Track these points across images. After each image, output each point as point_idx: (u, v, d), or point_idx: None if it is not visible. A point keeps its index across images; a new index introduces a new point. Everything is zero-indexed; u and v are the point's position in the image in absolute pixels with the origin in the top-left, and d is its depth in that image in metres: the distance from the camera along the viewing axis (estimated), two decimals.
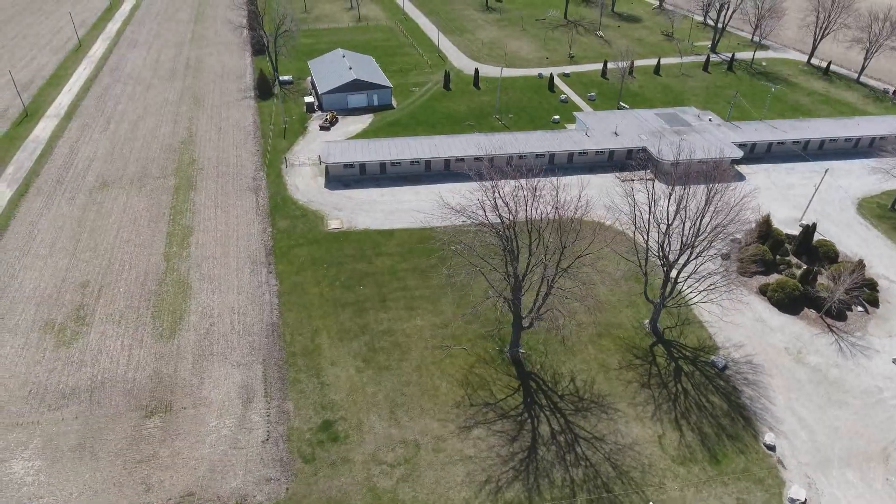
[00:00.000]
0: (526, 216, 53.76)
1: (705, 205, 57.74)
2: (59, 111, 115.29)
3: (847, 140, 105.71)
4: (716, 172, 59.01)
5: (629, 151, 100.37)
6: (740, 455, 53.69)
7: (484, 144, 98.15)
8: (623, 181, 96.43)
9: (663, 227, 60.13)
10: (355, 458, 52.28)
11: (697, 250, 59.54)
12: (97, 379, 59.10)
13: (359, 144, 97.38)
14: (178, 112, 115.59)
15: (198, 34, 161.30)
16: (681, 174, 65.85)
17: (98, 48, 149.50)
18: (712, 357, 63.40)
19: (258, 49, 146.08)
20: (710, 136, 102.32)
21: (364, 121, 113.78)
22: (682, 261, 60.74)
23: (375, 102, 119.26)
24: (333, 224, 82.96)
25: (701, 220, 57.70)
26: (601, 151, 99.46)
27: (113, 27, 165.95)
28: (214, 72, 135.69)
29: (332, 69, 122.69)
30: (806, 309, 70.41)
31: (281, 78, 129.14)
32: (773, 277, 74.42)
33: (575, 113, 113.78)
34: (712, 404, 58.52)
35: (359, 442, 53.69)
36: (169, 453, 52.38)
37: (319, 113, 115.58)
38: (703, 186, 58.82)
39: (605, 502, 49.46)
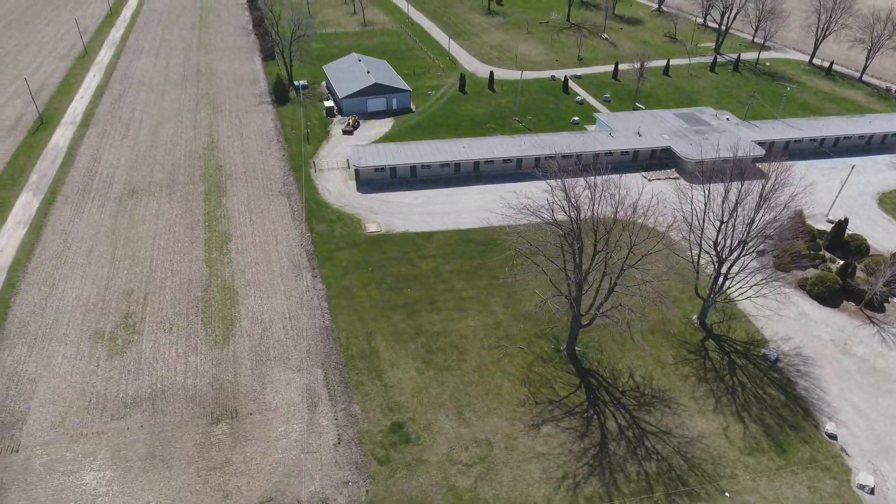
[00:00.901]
0: (593, 214, 54.49)
1: (759, 201, 59.14)
2: (75, 118, 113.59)
3: (861, 137, 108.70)
4: (777, 170, 60.01)
5: (653, 151, 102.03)
6: (804, 444, 54.91)
7: (511, 146, 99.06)
8: (650, 180, 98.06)
9: (716, 224, 61.38)
10: (430, 459, 52.43)
11: (749, 246, 60.88)
12: (157, 387, 58.45)
13: (388, 148, 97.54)
14: (197, 118, 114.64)
15: (204, 40, 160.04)
16: (708, 171, 67.82)
17: (104, 55, 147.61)
18: (763, 350, 64.72)
19: (268, 54, 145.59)
20: (730, 135, 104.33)
21: (385, 124, 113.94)
22: (732, 257, 62.07)
23: (394, 106, 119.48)
24: (371, 227, 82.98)
25: (756, 216, 59.04)
26: (626, 151, 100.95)
27: (116, 34, 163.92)
28: (227, 77, 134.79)
29: (349, 73, 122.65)
30: (845, 301, 72.30)
31: (296, 83, 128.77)
32: (810, 272, 76.24)
33: (595, 114, 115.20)
34: (770, 396, 59.75)
35: (431, 442, 53.84)
36: (242, 459, 52.00)
37: (340, 117, 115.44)
38: (756, 183, 60.07)
39: (682, 495, 50.27)
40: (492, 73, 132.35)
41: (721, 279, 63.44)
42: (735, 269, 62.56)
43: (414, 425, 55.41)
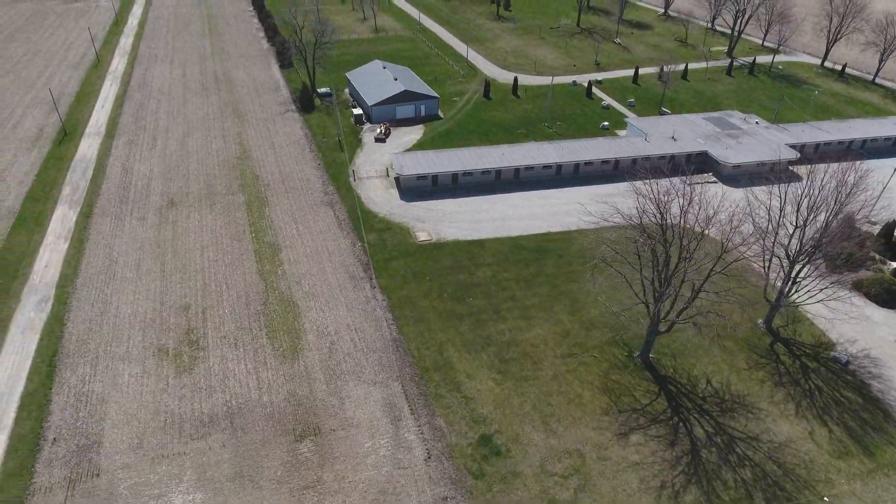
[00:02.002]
0: (681, 220, 54.34)
1: (834, 204, 59.54)
2: (99, 129, 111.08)
3: (887, 139, 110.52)
4: (854, 174, 60.32)
5: (688, 155, 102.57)
6: (891, 446, 55.11)
7: (550, 152, 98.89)
8: (690, 185, 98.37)
9: (790, 228, 61.65)
10: (524, 471, 51.65)
11: (823, 250, 61.27)
12: (232, 404, 56.88)
13: (428, 156, 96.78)
14: (224, 127, 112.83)
15: (217, 48, 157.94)
16: (742, 175, 68.07)
17: (118, 63, 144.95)
18: (832, 353, 65.08)
19: (285, 61, 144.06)
20: (762, 138, 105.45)
21: (416, 132, 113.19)
22: (804, 260, 62.36)
23: (423, 113, 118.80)
24: (422, 236, 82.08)
25: (831, 219, 59.43)
26: (662, 156, 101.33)
27: (126, 42, 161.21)
28: (247, 86, 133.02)
29: (375, 81, 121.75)
30: None
31: (319, 90, 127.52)
32: (863, 273, 76.97)
33: (627, 119, 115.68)
34: (847, 399, 59.96)
35: (522, 454, 53.06)
36: (333, 477, 50.71)
37: (369, 125, 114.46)
38: (830, 186, 60.40)
39: (782, 500, 50.13)
40: (516, 79, 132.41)
41: (790, 283, 63.80)
42: (804, 272, 62.98)
43: (502, 437, 54.59)
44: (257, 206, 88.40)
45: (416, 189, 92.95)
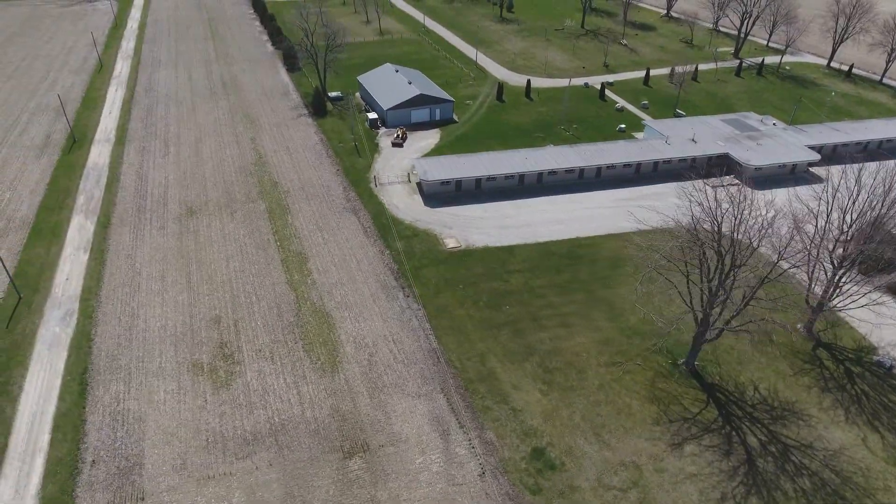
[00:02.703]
0: (735, 232, 53.48)
1: (881, 208, 59.13)
2: (108, 135, 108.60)
3: None
4: None
5: (709, 158, 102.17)
6: None
7: (572, 156, 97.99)
8: (713, 187, 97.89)
9: (835, 232, 61.17)
10: (582, 485, 50.51)
11: (867, 255, 60.84)
12: (275, 421, 55.18)
13: (451, 160, 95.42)
14: (237, 133, 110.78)
15: (221, 52, 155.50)
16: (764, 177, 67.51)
17: (121, 68, 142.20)
18: (875, 357, 64.69)
19: (292, 65, 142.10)
20: (781, 140, 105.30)
21: (432, 136, 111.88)
22: (844, 265, 61.92)
23: (437, 117, 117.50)
24: (451, 243, 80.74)
25: (878, 223, 59.02)
26: (684, 159, 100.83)
27: (127, 46, 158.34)
28: (255, 90, 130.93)
29: (388, 84, 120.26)
30: None
31: (330, 94, 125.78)
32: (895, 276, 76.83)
33: (644, 121, 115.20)
34: (895, 403, 59.68)
35: (577, 468, 51.94)
36: (387, 496, 49.22)
37: (385, 129, 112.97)
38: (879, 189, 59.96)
39: None
40: (529, 82, 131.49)
41: (833, 288, 63.32)
42: (846, 277, 62.54)
43: (555, 450, 53.43)
44: (279, 213, 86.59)
45: (439, 194, 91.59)
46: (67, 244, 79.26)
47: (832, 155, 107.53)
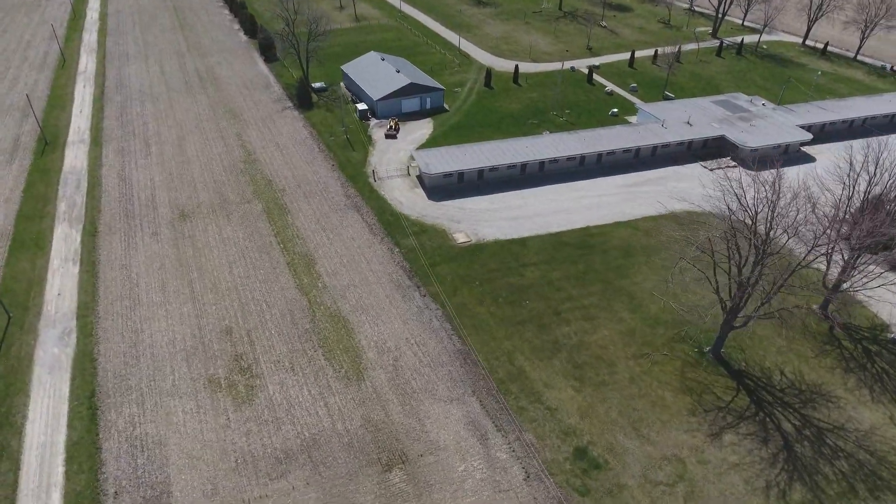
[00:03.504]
0: (770, 218, 53.04)
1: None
2: (83, 136, 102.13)
3: (885, 116, 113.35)
4: None
5: (705, 141, 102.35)
6: None
7: (573, 143, 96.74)
8: (712, 170, 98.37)
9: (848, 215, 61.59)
10: (629, 483, 49.93)
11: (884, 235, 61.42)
12: (306, 437, 52.79)
13: (451, 152, 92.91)
14: (221, 128, 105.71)
15: (192, 43, 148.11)
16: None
17: (86, 63, 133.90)
18: (890, 335, 65.93)
19: (270, 55, 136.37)
20: (773, 120, 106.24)
21: (424, 126, 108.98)
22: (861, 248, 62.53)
23: (428, 105, 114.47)
24: (461, 238, 78.77)
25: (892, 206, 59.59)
26: (681, 142, 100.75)
27: (90, 38, 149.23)
28: (234, 83, 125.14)
29: (376, 73, 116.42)
30: None
31: (314, 85, 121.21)
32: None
33: (638, 105, 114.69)
34: None
35: (621, 465, 51.32)
36: None
37: (376, 121, 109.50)
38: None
39: (884, 490, 50.19)
40: (517, 67, 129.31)
41: (849, 269, 64.00)
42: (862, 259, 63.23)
43: (596, 448, 52.66)
44: (278, 213, 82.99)
45: (442, 187, 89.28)
46: (54, 256, 74.21)
47: (820, 134, 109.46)
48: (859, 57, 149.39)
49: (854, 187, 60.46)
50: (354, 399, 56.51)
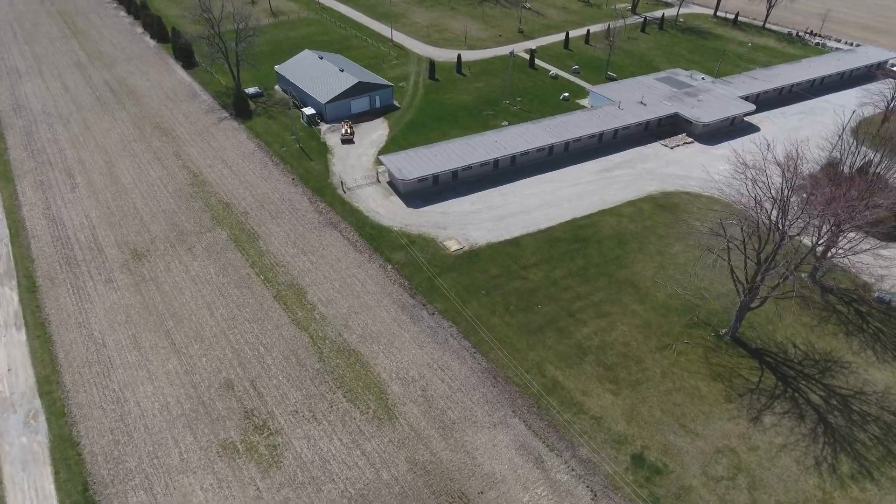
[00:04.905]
0: (783, 197, 53.62)
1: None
2: None
3: (808, 81, 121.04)
4: None
5: (660, 119, 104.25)
6: None
7: (541, 134, 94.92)
8: (672, 147, 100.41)
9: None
10: (693, 483, 49.39)
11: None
12: (352, 494, 47.70)
13: (420, 154, 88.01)
14: (154, 148, 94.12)
15: (92, 51, 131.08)
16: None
17: None
18: (875, 294, 70.06)
19: (188, 61, 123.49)
20: (716, 93, 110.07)
21: (380, 126, 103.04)
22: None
23: (377, 104, 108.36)
24: (453, 246, 74.93)
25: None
26: (640, 123, 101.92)
27: None
28: (155, 95, 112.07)
29: (317, 74, 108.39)
30: None
31: (248, 91, 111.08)
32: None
33: (589, 88, 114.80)
34: None
35: (681, 466, 50.69)
36: None
37: (327, 125, 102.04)
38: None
39: None
40: (459, 57, 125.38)
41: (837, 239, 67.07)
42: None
43: (651, 452, 51.73)
44: (247, 240, 75.04)
45: (419, 192, 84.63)
46: None
47: (756, 102, 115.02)
48: (769, 25, 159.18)
49: (854, 165, 63.11)
50: (392, 441, 51.98)
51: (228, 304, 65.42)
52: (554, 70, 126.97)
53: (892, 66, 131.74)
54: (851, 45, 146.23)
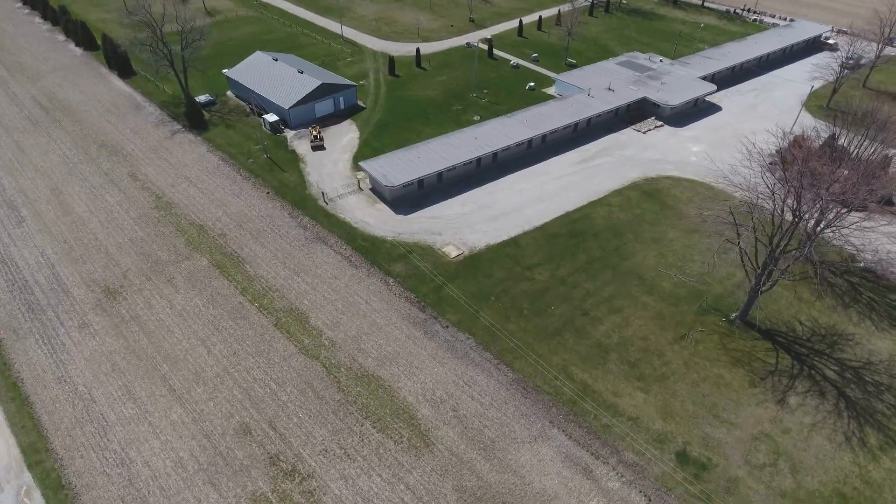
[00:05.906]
0: (799, 184, 54.33)
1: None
2: None
3: (757, 58, 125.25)
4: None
5: (629, 105, 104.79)
6: None
7: (519, 128, 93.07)
8: (644, 132, 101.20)
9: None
10: (738, 474, 49.64)
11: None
12: None
13: (402, 156, 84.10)
14: (105, 170, 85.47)
15: (10, 63, 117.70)
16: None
17: None
18: (860, 264, 73.21)
19: (124, 70, 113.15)
20: (677, 76, 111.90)
21: (349, 129, 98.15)
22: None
23: (342, 106, 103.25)
24: (452, 252, 72.25)
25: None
26: (611, 110, 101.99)
27: None
28: (93, 109, 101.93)
29: (275, 77, 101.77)
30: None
31: (199, 99, 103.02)
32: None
33: (554, 76, 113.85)
34: None
35: (724, 458, 50.85)
36: None
37: (293, 132, 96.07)
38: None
39: None
40: (418, 50, 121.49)
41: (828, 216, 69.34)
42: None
43: (693, 447, 51.63)
44: (231, 265, 69.46)
45: (406, 198, 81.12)
46: None
47: (713, 81, 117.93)
48: (707, 4, 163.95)
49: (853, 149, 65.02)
50: (435, 470, 49.37)
51: (226, 339, 60.26)
52: (514, 59, 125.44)
53: (827, 39, 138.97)
54: (786, 20, 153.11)
